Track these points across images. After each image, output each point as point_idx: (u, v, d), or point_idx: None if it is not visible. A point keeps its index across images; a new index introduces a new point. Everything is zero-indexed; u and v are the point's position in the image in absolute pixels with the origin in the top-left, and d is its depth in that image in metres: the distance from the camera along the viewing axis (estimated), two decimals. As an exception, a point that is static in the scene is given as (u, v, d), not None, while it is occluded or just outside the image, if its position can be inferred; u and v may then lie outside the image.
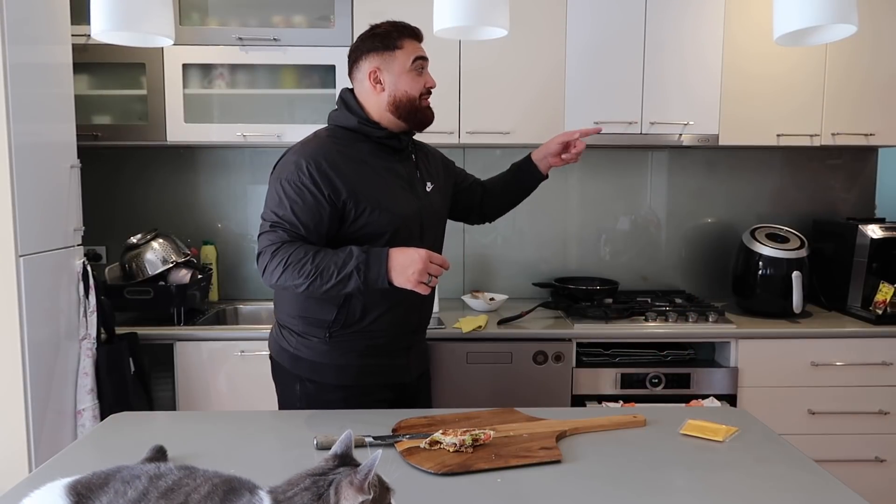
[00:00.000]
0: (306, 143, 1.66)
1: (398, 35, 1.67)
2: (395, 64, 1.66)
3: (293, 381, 1.70)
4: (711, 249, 3.03)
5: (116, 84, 2.64)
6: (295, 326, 1.70)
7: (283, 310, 1.74)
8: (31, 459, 1.95)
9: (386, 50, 1.66)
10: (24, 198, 1.92)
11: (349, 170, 1.61)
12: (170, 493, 0.83)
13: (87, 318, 2.19)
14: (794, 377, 2.44)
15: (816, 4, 1.45)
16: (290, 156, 1.64)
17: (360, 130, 1.68)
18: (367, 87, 1.68)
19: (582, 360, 2.43)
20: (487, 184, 2.01)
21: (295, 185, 1.57)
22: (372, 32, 1.69)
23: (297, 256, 1.52)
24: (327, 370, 1.68)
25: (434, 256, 1.51)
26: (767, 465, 1.26)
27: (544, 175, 1.94)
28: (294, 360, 1.70)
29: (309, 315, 1.67)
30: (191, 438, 1.40)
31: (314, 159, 1.59)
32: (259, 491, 0.85)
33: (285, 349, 1.71)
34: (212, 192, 2.95)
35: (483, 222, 2.07)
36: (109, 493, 0.85)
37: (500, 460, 1.25)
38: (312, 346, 1.68)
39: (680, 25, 2.57)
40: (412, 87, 1.67)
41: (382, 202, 1.62)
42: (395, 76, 1.66)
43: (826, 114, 2.64)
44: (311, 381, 1.69)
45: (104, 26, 1.54)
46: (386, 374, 1.73)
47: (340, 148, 1.64)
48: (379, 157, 1.68)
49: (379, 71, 1.66)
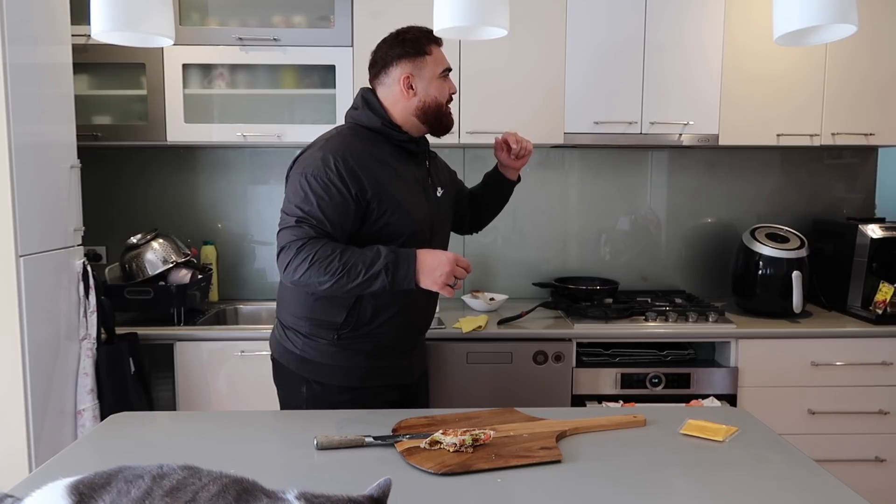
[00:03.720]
0: (331, 139, 1.64)
1: (426, 41, 1.69)
2: (426, 70, 1.68)
3: (299, 384, 1.70)
4: (711, 249, 3.03)
5: (116, 84, 2.64)
6: (301, 328, 1.69)
7: (288, 311, 1.72)
8: (31, 459, 1.95)
9: (417, 56, 1.67)
10: (24, 198, 1.91)
11: (375, 169, 1.60)
12: (175, 491, 0.83)
13: (87, 318, 2.19)
14: (794, 377, 2.44)
15: (816, 4, 1.45)
16: (314, 151, 1.62)
17: (382, 132, 1.68)
18: (396, 91, 1.68)
19: (582, 360, 2.43)
20: (470, 194, 2.04)
21: (321, 181, 1.55)
22: (401, 38, 1.69)
23: (324, 253, 1.50)
24: (334, 372, 1.67)
25: (460, 259, 1.54)
26: (767, 465, 1.26)
27: (515, 180, 1.98)
28: (300, 361, 1.69)
29: (317, 317, 1.66)
30: (191, 438, 1.40)
31: (341, 156, 1.57)
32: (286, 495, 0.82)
33: (291, 351, 1.70)
34: (212, 192, 2.95)
35: (472, 232, 2.10)
36: (112, 493, 0.84)
37: (501, 460, 1.25)
38: (319, 348, 1.67)
39: (680, 25, 2.57)
40: (441, 93, 1.70)
41: (403, 204, 1.63)
42: (426, 82, 1.68)
43: (826, 114, 2.64)
44: (318, 382, 1.68)
45: (104, 26, 1.54)
46: (391, 376, 1.74)
47: (365, 146, 1.63)
48: (398, 159, 1.69)
49: (412, 77, 1.67)
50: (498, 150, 1.92)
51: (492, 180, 1.99)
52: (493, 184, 1.99)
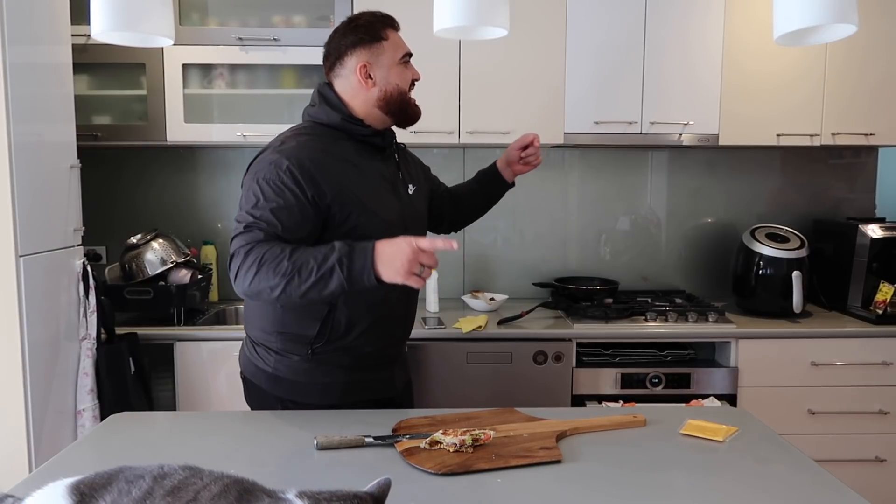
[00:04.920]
0: (286, 141, 1.53)
1: (381, 26, 1.59)
2: (383, 57, 1.57)
3: (273, 403, 1.59)
4: (711, 249, 3.03)
5: (116, 84, 2.64)
6: (272, 343, 1.58)
7: (256, 325, 1.62)
8: (31, 459, 1.95)
9: (373, 42, 1.57)
10: (24, 198, 1.92)
11: (334, 170, 1.50)
12: (176, 491, 0.82)
13: (87, 318, 2.19)
14: (794, 377, 2.44)
15: (816, 4, 1.45)
16: (268, 154, 1.50)
17: (343, 128, 1.57)
18: (353, 82, 1.58)
19: (582, 360, 2.43)
20: (454, 191, 1.94)
21: (275, 185, 1.44)
22: (354, 24, 1.58)
23: (273, 254, 1.37)
24: (310, 390, 1.57)
25: (420, 241, 1.33)
26: (767, 465, 1.26)
27: (510, 183, 1.90)
28: (273, 380, 1.58)
29: (288, 330, 1.56)
30: (191, 438, 1.40)
31: (297, 158, 1.46)
32: (286, 495, 0.82)
33: (262, 369, 1.59)
34: (212, 192, 2.95)
35: (450, 231, 1.98)
36: (113, 493, 0.84)
37: (500, 460, 1.25)
38: (292, 365, 1.56)
39: (680, 25, 2.57)
40: (402, 80, 1.60)
41: (369, 205, 1.53)
42: (385, 70, 1.57)
43: (826, 114, 2.64)
44: (293, 401, 1.57)
45: (104, 26, 1.54)
46: (372, 390, 1.64)
47: (324, 146, 1.52)
48: (363, 156, 1.57)
49: (369, 65, 1.56)
50: (518, 145, 1.84)
51: (487, 178, 1.90)
52: (487, 182, 1.90)
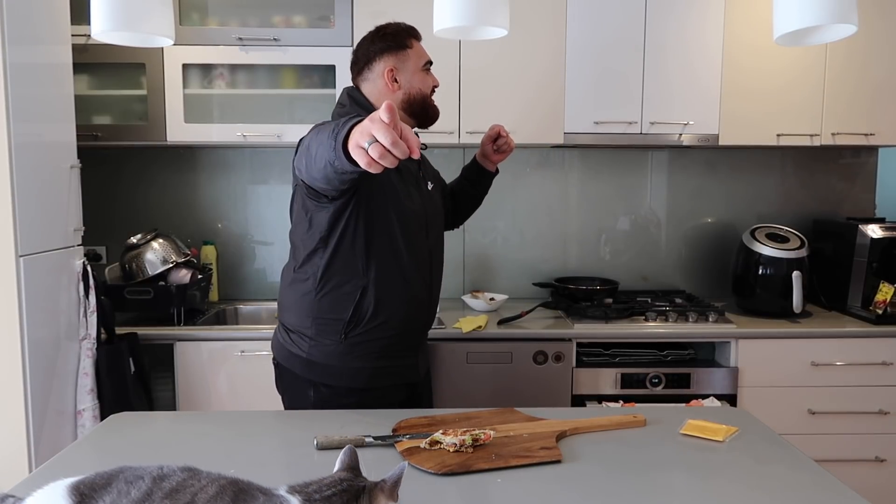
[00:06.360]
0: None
1: (406, 35, 1.74)
2: (408, 63, 1.73)
3: (306, 387, 1.69)
4: (711, 249, 3.03)
5: (116, 84, 2.64)
6: (307, 330, 1.68)
7: (292, 313, 1.72)
8: (31, 459, 1.95)
9: (399, 49, 1.72)
10: (24, 198, 1.92)
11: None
12: (174, 493, 0.83)
13: (87, 318, 2.19)
14: (794, 377, 2.44)
15: (816, 4, 1.44)
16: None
17: None
18: (380, 85, 1.72)
19: (582, 360, 2.43)
20: (453, 189, 2.06)
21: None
22: (382, 33, 1.73)
23: (318, 128, 1.39)
24: (342, 374, 1.67)
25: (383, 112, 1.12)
26: (767, 465, 1.26)
27: (494, 171, 2.01)
28: (307, 365, 1.68)
29: (324, 315, 1.66)
30: (191, 439, 1.40)
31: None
32: (279, 491, 0.84)
33: (296, 354, 1.69)
34: (212, 192, 2.95)
35: (452, 228, 2.10)
36: (112, 493, 0.84)
37: (500, 460, 1.25)
38: (326, 350, 1.67)
39: (680, 25, 2.57)
40: (424, 85, 1.75)
41: (400, 192, 1.65)
42: (409, 74, 1.72)
43: (826, 114, 2.64)
44: (326, 385, 1.67)
45: (104, 26, 1.54)
46: (398, 375, 1.74)
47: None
48: None
49: (395, 70, 1.71)
50: (487, 140, 1.95)
51: (471, 172, 2.02)
52: (472, 176, 2.02)
